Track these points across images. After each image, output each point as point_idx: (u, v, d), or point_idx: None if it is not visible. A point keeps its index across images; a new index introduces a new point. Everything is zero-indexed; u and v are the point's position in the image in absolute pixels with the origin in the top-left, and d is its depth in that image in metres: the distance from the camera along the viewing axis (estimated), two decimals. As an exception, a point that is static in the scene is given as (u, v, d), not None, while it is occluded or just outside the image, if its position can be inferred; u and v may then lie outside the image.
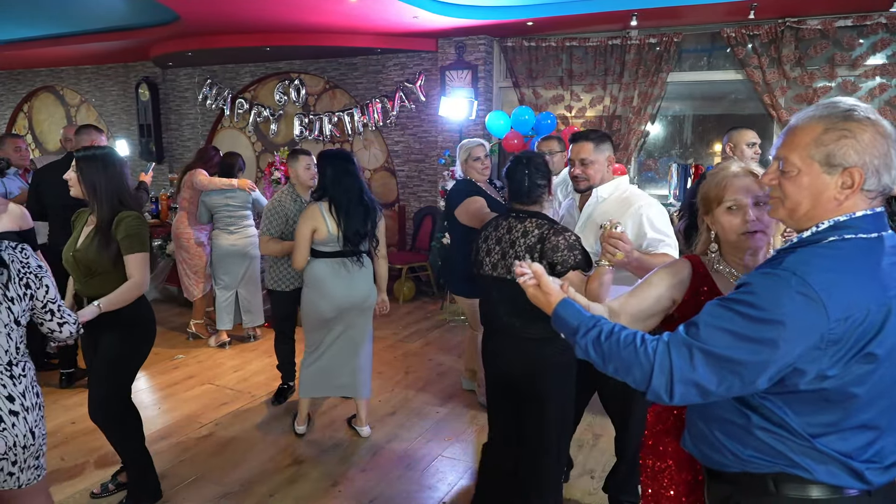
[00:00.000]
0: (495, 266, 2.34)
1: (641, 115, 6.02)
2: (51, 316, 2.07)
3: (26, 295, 1.98)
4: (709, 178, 1.68)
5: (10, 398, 1.93)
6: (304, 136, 7.82)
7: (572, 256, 2.23)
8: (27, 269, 2.00)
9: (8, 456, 1.93)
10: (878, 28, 5.15)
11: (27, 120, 10.27)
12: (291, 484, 3.14)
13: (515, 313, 2.31)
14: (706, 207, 1.67)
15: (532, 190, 2.33)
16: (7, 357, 1.94)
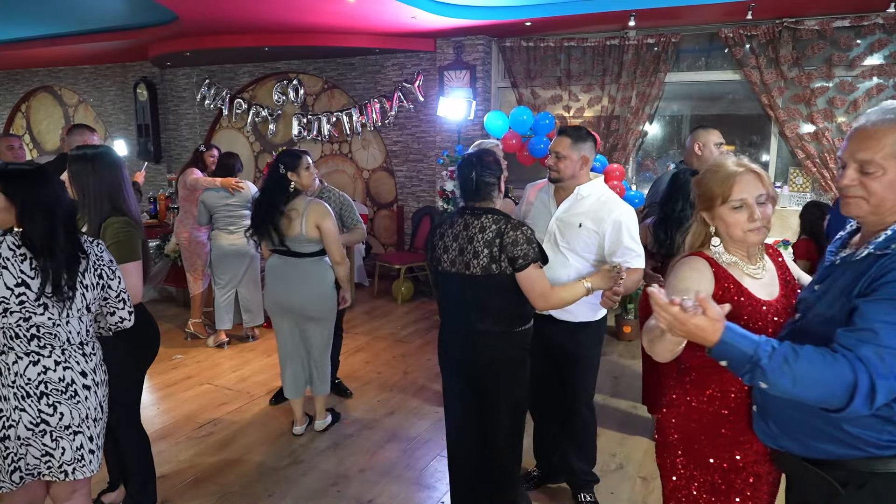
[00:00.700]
0: (454, 262, 2.40)
1: (639, 116, 6.03)
2: (123, 304, 2.22)
3: (98, 284, 2.12)
4: (709, 175, 1.70)
5: (84, 373, 2.10)
6: (302, 136, 7.82)
7: (532, 249, 2.30)
8: (101, 262, 2.14)
9: (82, 429, 2.08)
10: (875, 28, 5.16)
11: (25, 120, 10.26)
12: (290, 484, 3.15)
13: (469, 308, 2.39)
14: (707, 203, 1.69)
15: (481, 188, 2.39)
16: (79, 338, 2.10)
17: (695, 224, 1.76)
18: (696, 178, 1.75)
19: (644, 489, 3.12)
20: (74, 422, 2.06)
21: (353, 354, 4.98)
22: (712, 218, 1.69)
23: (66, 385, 2.05)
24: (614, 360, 4.84)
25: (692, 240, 1.77)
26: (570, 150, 2.58)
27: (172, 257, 5.89)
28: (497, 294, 2.35)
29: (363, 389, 4.32)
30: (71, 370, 2.06)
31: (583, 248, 2.60)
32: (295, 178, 3.34)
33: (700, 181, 1.72)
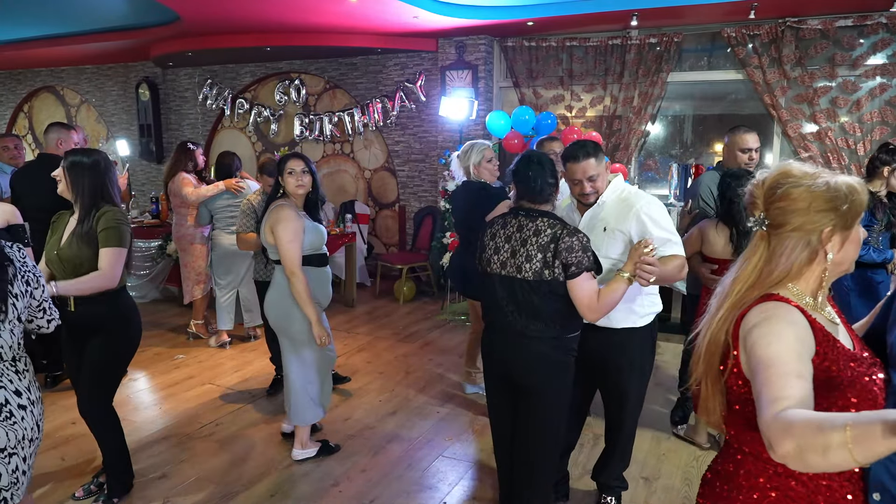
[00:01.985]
0: (504, 264, 2.34)
1: (642, 115, 6.02)
2: (42, 313, 2.12)
3: (26, 293, 2.01)
4: (858, 188, 1.27)
5: (18, 392, 1.97)
6: (304, 136, 7.82)
7: (586, 258, 2.23)
8: (26, 268, 2.03)
9: (17, 451, 1.94)
10: (878, 28, 5.15)
11: (27, 120, 10.27)
12: (292, 484, 3.14)
13: (519, 311, 2.33)
14: (849, 222, 1.27)
15: (544, 189, 2.33)
16: (11, 353, 1.97)
17: (795, 250, 1.28)
18: (848, 188, 1.26)
19: (646, 489, 3.11)
20: (10, 444, 1.91)
21: (355, 354, 4.98)
22: (843, 241, 1.28)
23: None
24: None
25: (783, 271, 1.28)
26: (598, 167, 2.49)
27: (174, 257, 5.89)
28: (549, 299, 2.28)
29: (365, 390, 4.32)
30: (4, 389, 1.92)
31: (613, 251, 2.52)
32: (282, 181, 3.21)
33: (836, 184, 1.26)
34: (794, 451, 0.97)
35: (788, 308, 1.23)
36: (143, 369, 4.68)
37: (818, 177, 1.27)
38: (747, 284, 1.30)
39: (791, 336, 1.18)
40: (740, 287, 1.31)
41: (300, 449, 3.37)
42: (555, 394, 2.40)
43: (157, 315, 6.05)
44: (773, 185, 1.29)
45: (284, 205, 3.14)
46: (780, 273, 1.28)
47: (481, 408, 4.04)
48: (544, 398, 2.39)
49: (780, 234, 1.28)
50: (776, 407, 1.05)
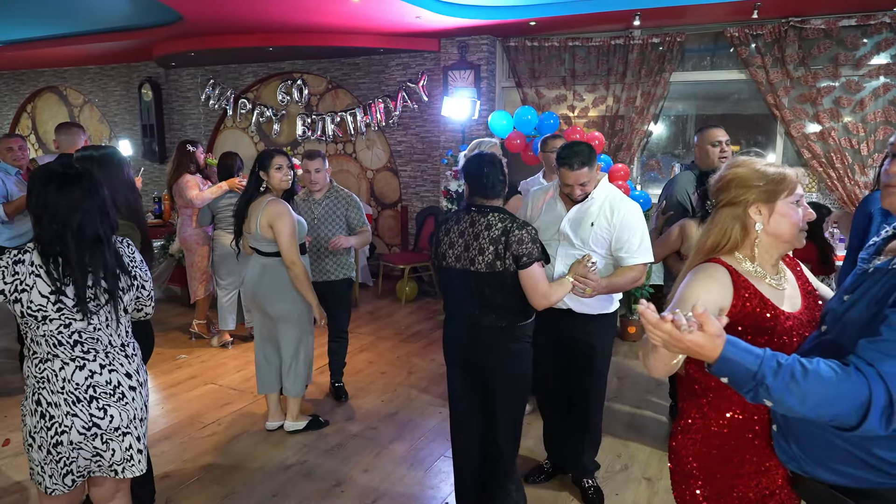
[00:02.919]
0: (458, 258, 2.48)
1: (644, 115, 6.01)
2: (150, 301, 2.26)
3: (133, 286, 2.14)
4: (777, 171, 1.51)
5: (128, 375, 2.12)
6: (306, 136, 7.83)
7: (535, 249, 2.39)
8: (134, 263, 2.16)
9: (130, 429, 2.10)
10: (882, 27, 5.13)
11: (30, 120, 10.29)
12: (294, 484, 3.15)
13: (473, 303, 2.48)
14: (771, 194, 1.50)
15: (495, 186, 2.47)
16: (120, 340, 2.12)
17: (727, 221, 1.54)
18: (758, 163, 1.53)
19: (649, 490, 3.10)
20: (123, 423, 2.08)
21: (357, 354, 4.98)
22: (770, 212, 1.50)
23: (113, 388, 2.06)
24: (618, 360, 4.82)
25: (716, 239, 1.55)
26: (590, 174, 2.66)
27: (177, 257, 5.89)
28: (501, 290, 2.43)
29: (367, 389, 4.32)
30: (116, 372, 2.08)
31: (596, 244, 2.70)
32: (265, 176, 3.39)
33: (765, 168, 1.52)
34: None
35: (716, 266, 1.53)
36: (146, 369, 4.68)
37: (751, 164, 1.54)
38: (694, 251, 1.62)
39: (702, 285, 1.50)
40: (693, 253, 1.63)
41: (293, 420, 3.64)
42: (512, 379, 2.54)
43: (160, 315, 6.06)
44: (719, 177, 1.60)
45: (277, 200, 3.38)
46: (713, 241, 1.56)
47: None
48: (503, 384, 2.54)
49: (718, 209, 1.58)
50: None
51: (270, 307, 3.45)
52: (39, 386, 2.00)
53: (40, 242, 1.96)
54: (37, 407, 2.00)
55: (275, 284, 3.41)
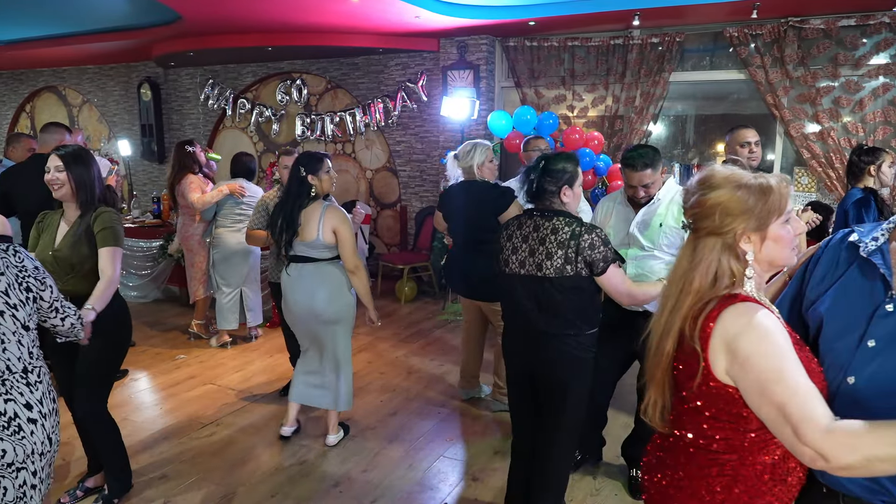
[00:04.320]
0: (523, 263, 2.40)
1: (644, 115, 6.01)
2: (55, 313, 2.11)
3: (29, 298, 1.97)
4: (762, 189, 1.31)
5: (28, 406, 1.92)
6: (305, 136, 7.82)
7: (609, 251, 2.34)
8: (25, 273, 1.98)
9: (26, 464, 1.91)
10: (881, 27, 5.13)
11: (29, 120, 10.28)
12: (293, 484, 3.14)
13: (539, 310, 2.39)
14: (763, 221, 1.31)
15: (540, 192, 2.42)
16: (21, 364, 1.93)
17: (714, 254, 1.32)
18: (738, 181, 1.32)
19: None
20: (18, 458, 1.88)
21: (356, 354, 4.96)
22: (762, 239, 1.32)
23: (7, 419, 1.86)
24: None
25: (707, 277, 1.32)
26: (654, 176, 2.73)
27: (176, 257, 5.89)
28: (570, 296, 2.35)
29: (366, 389, 4.31)
30: (14, 402, 1.88)
31: (666, 244, 2.74)
32: (315, 181, 3.27)
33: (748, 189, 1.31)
34: (859, 462, 1.09)
35: (764, 312, 1.26)
36: (145, 369, 4.68)
37: (734, 181, 1.31)
38: (678, 289, 1.35)
39: (784, 344, 1.22)
40: (674, 290, 1.36)
41: (335, 434, 3.56)
42: (575, 393, 2.45)
43: (159, 315, 6.05)
44: (691, 192, 1.37)
45: (335, 205, 3.35)
46: (704, 280, 1.31)
47: (482, 409, 4.04)
48: (566, 396, 2.45)
49: (699, 239, 1.34)
50: (817, 425, 1.13)
51: (329, 314, 3.34)
52: None
53: None
54: None
55: (334, 290, 3.33)
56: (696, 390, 1.31)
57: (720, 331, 1.26)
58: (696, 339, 1.29)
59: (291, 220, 3.25)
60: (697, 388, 1.31)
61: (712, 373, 1.28)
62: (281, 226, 3.27)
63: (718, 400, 1.30)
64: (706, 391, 1.30)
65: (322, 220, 3.23)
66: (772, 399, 1.18)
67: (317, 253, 3.30)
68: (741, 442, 1.32)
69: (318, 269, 3.32)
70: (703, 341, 1.28)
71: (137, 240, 6.40)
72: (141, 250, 6.39)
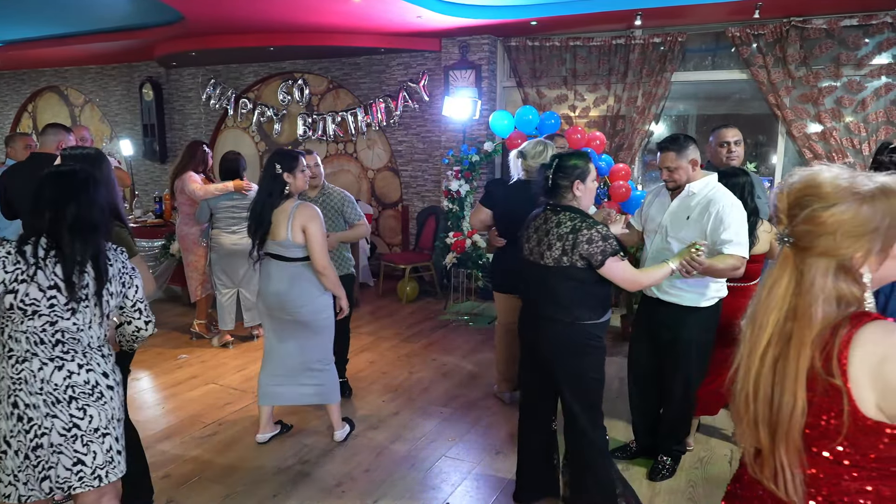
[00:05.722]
0: (531, 251, 2.65)
1: (645, 115, 6.01)
2: (139, 314, 2.19)
3: (121, 293, 2.11)
4: (889, 199, 1.11)
5: (105, 374, 2.10)
6: (307, 135, 7.82)
7: (608, 245, 2.47)
8: (124, 269, 2.12)
9: (109, 430, 2.07)
10: (883, 27, 5.13)
11: (31, 120, 10.29)
12: (295, 484, 3.14)
13: (540, 294, 2.63)
14: (888, 243, 1.12)
15: (554, 188, 2.60)
16: (98, 342, 2.09)
17: (829, 281, 1.13)
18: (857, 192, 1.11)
19: (650, 491, 3.10)
20: (102, 423, 2.05)
21: (358, 354, 4.97)
22: (882, 260, 1.14)
23: (91, 387, 2.04)
24: (620, 360, 4.81)
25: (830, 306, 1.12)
26: (678, 161, 2.84)
27: (178, 257, 5.89)
28: (565, 284, 2.55)
29: (368, 389, 4.31)
30: (94, 372, 2.05)
31: (689, 238, 2.81)
32: (290, 179, 3.19)
33: (872, 200, 1.11)
34: None
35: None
36: (147, 369, 4.68)
37: (853, 193, 1.11)
38: (782, 316, 1.15)
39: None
40: (775, 317, 1.16)
41: (341, 430, 3.58)
42: (576, 376, 2.63)
43: (160, 315, 6.06)
44: (797, 202, 1.15)
45: (306, 203, 3.29)
46: (825, 313, 1.11)
47: (484, 409, 4.04)
48: (565, 379, 2.64)
49: (806, 258, 1.14)
50: None
51: (303, 315, 3.30)
52: (16, 388, 1.96)
53: (35, 231, 1.98)
54: (13, 409, 1.95)
55: (306, 290, 3.27)
56: (842, 437, 1.10)
57: (860, 356, 1.06)
58: (835, 373, 1.07)
59: (262, 219, 3.19)
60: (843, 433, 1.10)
61: (860, 410, 1.07)
62: (252, 225, 3.23)
63: (867, 444, 1.09)
64: (851, 435, 1.09)
65: (291, 218, 3.17)
66: None
67: (289, 252, 3.23)
68: (879, 492, 1.12)
69: (289, 269, 3.26)
70: (843, 373, 1.07)
71: (139, 240, 6.39)
72: (143, 250, 6.40)
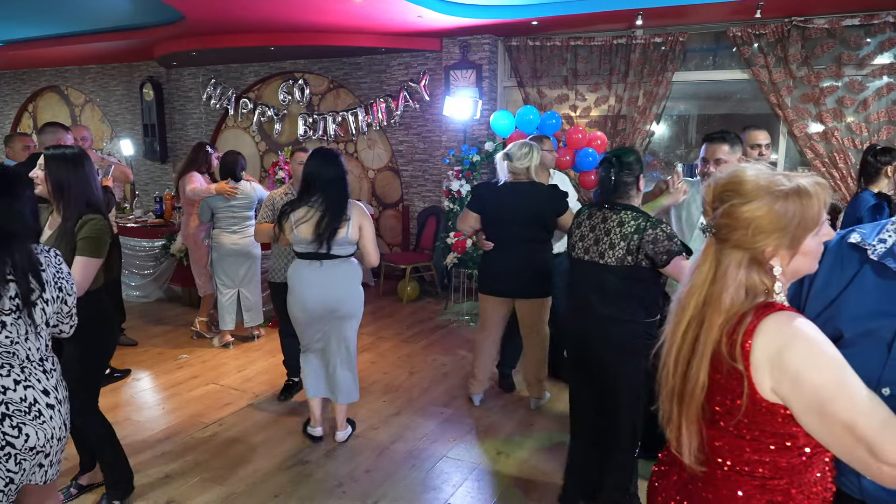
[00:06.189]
0: (587, 250, 2.61)
1: (646, 115, 6.00)
2: (69, 318, 2.13)
3: (58, 298, 2.03)
4: (801, 199, 1.18)
5: (46, 392, 2.00)
6: (307, 135, 7.81)
7: (673, 244, 2.46)
8: (61, 274, 2.05)
9: (45, 448, 1.99)
10: (885, 27, 5.12)
11: (32, 119, 10.29)
12: (296, 484, 3.13)
13: (598, 294, 2.59)
14: (796, 240, 1.20)
15: (619, 187, 2.59)
16: (38, 354, 2.01)
17: (741, 271, 1.21)
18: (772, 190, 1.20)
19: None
20: (39, 443, 1.96)
21: (359, 354, 4.93)
22: (793, 255, 1.22)
23: (28, 405, 1.94)
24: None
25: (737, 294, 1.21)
26: (729, 155, 2.78)
27: (178, 257, 5.89)
28: (628, 283, 2.52)
29: (368, 390, 4.30)
30: (32, 388, 1.96)
31: None
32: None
33: (784, 200, 1.19)
34: None
35: (804, 320, 1.15)
36: (147, 369, 4.68)
37: (770, 191, 1.18)
38: (699, 300, 1.23)
39: (836, 352, 1.12)
40: (695, 301, 1.24)
41: (343, 430, 3.57)
42: (628, 377, 2.57)
43: (161, 315, 6.05)
44: (719, 196, 1.23)
45: (359, 203, 3.40)
46: (731, 300, 1.19)
47: (485, 409, 4.03)
48: (618, 380, 2.59)
49: (724, 249, 1.22)
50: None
51: (346, 309, 3.36)
52: None
53: None
54: None
55: (352, 285, 3.39)
56: (741, 415, 1.20)
57: (761, 345, 1.14)
58: (738, 358, 1.16)
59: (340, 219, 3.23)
60: (741, 412, 1.19)
61: (758, 393, 1.16)
62: (325, 224, 3.19)
63: (765, 422, 1.18)
64: (751, 413, 1.19)
65: (352, 215, 3.27)
66: (835, 418, 1.08)
67: (342, 250, 3.29)
68: (790, 463, 1.21)
69: (339, 265, 3.33)
70: (744, 359, 1.16)
71: (140, 239, 6.40)
72: (143, 250, 6.39)
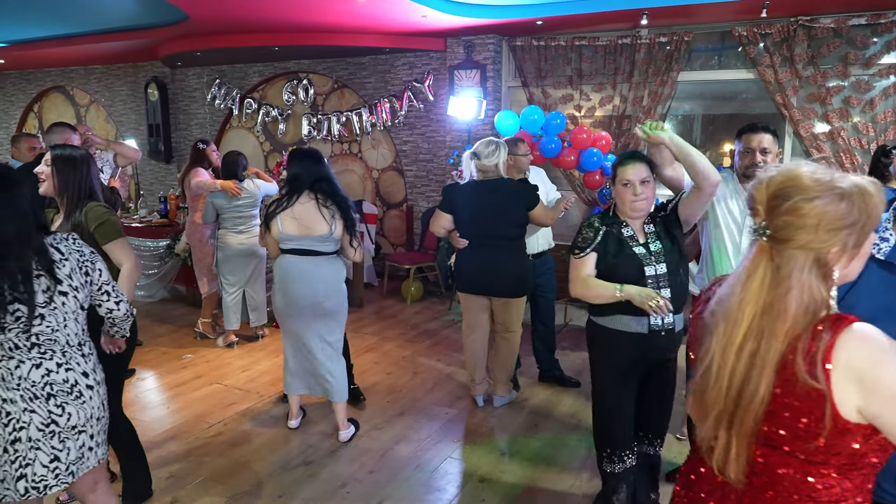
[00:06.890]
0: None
1: (651, 115, 5.97)
2: (107, 296, 2.18)
3: (86, 282, 2.10)
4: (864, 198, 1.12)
5: (85, 374, 2.11)
6: (312, 135, 7.82)
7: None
8: (84, 258, 2.10)
9: (85, 428, 2.09)
10: (892, 26, 5.09)
11: (37, 120, 10.32)
12: (300, 485, 3.13)
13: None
14: (861, 237, 1.15)
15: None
16: (77, 339, 2.10)
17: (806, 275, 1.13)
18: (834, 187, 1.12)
19: (657, 493, 3.08)
20: (80, 422, 2.07)
21: (362, 355, 4.96)
22: (853, 257, 1.16)
23: (70, 386, 2.05)
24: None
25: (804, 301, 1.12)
26: (773, 146, 2.75)
27: (182, 257, 5.90)
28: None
29: (372, 390, 4.30)
30: (73, 371, 2.07)
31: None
32: None
33: (872, 205, 1.12)
34: None
35: (878, 330, 1.08)
36: (151, 369, 4.69)
37: (833, 187, 1.11)
38: (759, 309, 1.14)
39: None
40: (750, 311, 1.14)
41: (346, 430, 3.60)
42: (674, 364, 2.71)
43: (165, 315, 6.06)
44: (778, 193, 1.15)
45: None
46: (797, 308, 1.10)
47: (489, 410, 4.02)
48: (672, 367, 2.70)
49: (784, 251, 1.13)
50: None
51: (330, 305, 3.44)
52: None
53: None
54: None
55: (336, 281, 3.48)
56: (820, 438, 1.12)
57: (843, 362, 1.06)
58: (819, 378, 1.07)
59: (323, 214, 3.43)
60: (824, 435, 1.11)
61: (840, 414, 1.08)
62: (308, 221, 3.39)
63: (842, 443, 1.11)
64: (829, 437, 1.11)
65: (336, 214, 3.38)
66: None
67: (325, 247, 3.39)
68: (842, 484, 1.15)
69: (323, 262, 3.41)
70: (826, 380, 1.07)
71: (144, 239, 6.41)
72: (148, 250, 6.40)
